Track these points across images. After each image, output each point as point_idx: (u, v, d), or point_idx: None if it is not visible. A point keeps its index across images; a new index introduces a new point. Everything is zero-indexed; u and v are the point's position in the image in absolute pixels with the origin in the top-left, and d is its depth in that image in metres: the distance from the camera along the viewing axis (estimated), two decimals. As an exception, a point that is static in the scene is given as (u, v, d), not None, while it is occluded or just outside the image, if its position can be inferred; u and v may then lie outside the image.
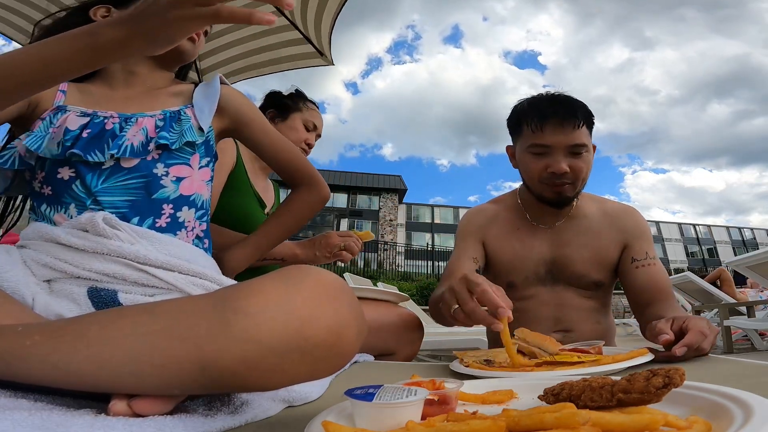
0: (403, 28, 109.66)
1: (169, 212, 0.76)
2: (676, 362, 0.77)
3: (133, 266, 0.62)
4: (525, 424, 0.33)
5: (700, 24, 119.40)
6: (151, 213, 0.74)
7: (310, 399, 0.57)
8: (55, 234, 0.63)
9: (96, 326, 0.43)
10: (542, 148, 1.08)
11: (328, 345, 0.42)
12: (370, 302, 1.26)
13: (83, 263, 0.61)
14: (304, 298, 0.42)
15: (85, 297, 0.60)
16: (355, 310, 0.46)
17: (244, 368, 0.40)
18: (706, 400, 0.38)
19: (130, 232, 0.67)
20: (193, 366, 0.40)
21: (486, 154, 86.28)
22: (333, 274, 0.47)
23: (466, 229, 1.24)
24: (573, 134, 1.06)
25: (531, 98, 1.15)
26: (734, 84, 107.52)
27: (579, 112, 1.07)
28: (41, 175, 0.73)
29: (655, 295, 1.07)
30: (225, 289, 0.46)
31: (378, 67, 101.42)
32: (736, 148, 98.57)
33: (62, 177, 0.72)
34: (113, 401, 0.43)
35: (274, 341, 0.40)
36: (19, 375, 0.43)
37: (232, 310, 0.41)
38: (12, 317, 0.50)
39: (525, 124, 1.11)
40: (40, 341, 0.42)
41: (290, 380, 0.44)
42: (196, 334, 0.41)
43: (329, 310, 0.43)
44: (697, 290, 4.04)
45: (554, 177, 1.07)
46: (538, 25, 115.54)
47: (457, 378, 0.66)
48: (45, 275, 0.62)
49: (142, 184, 0.74)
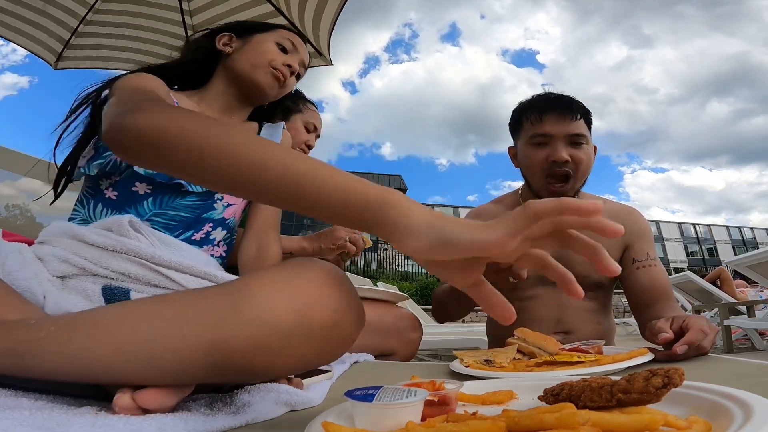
0: (400, 27, 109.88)
1: (207, 230, 0.85)
2: (676, 361, 0.77)
3: (147, 266, 0.64)
4: (525, 424, 0.33)
5: (698, 21, 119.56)
6: (193, 228, 0.82)
7: (311, 404, 0.57)
8: (81, 232, 0.65)
9: (110, 316, 0.45)
10: (543, 137, 1.10)
11: (331, 327, 0.44)
12: (370, 302, 1.25)
13: (102, 261, 0.63)
14: (309, 283, 0.45)
15: (99, 294, 0.62)
16: (355, 298, 0.48)
17: (254, 349, 0.42)
18: (706, 400, 0.38)
19: (151, 237, 0.69)
20: (206, 348, 0.42)
21: (485, 153, 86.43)
22: (333, 265, 0.49)
23: None
24: (572, 124, 1.08)
25: (530, 98, 1.18)
26: (734, 82, 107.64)
27: (576, 106, 1.10)
28: (114, 180, 0.79)
29: (656, 296, 1.07)
30: (234, 279, 0.48)
31: (376, 66, 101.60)
32: (735, 147, 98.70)
33: (137, 191, 0.79)
34: (118, 394, 0.43)
35: (281, 323, 0.43)
36: (31, 368, 0.43)
37: (243, 294, 0.44)
38: (20, 314, 0.51)
39: (525, 120, 1.14)
40: (54, 332, 0.43)
41: (296, 362, 0.46)
42: (208, 318, 0.43)
43: (332, 295, 0.45)
44: (697, 290, 4.04)
45: (555, 166, 1.07)
46: (535, 23, 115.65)
47: (457, 378, 0.66)
48: (62, 271, 0.64)
49: (200, 205, 0.83)
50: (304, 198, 0.43)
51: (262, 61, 0.91)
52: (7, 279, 0.57)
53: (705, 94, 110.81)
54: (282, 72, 0.92)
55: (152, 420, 0.41)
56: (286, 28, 0.98)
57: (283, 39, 0.94)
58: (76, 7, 2.00)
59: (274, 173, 0.43)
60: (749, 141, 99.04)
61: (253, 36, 0.94)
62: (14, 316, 0.49)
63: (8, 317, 0.49)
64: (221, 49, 0.92)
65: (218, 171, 0.45)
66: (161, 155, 0.47)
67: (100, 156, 0.79)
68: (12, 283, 0.57)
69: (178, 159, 0.46)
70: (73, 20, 2.04)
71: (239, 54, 0.92)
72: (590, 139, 1.12)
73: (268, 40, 0.93)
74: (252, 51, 0.92)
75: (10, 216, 1.94)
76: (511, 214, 0.37)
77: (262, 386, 0.54)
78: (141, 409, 0.43)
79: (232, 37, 0.94)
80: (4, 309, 0.50)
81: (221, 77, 0.93)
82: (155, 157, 0.48)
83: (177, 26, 2.12)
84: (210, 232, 0.86)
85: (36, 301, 0.58)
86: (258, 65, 0.91)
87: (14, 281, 0.58)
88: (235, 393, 0.52)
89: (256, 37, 0.94)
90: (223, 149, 0.44)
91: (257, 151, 0.44)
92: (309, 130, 1.46)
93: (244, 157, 0.44)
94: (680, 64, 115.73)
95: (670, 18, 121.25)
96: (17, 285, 0.58)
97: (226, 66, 0.93)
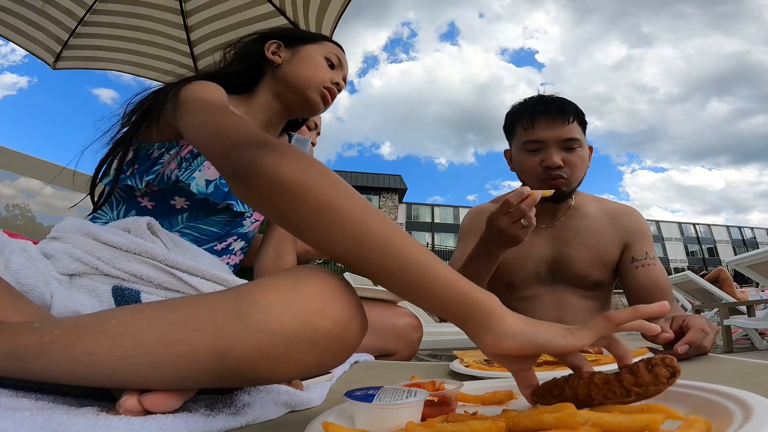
0: (398, 26, 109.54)
1: (231, 241, 0.86)
2: (681, 358, 0.78)
3: (161, 268, 0.64)
4: (525, 424, 0.33)
5: (698, 20, 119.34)
6: (219, 239, 0.83)
7: (311, 405, 0.57)
8: (96, 230, 0.65)
9: (115, 320, 0.45)
10: (535, 143, 1.09)
11: (334, 336, 0.45)
12: (370, 302, 1.26)
13: (114, 261, 0.63)
14: (313, 292, 0.45)
15: (108, 294, 0.62)
16: (358, 307, 0.48)
17: (258, 357, 0.43)
18: (706, 399, 0.38)
19: (167, 240, 0.70)
20: (210, 355, 0.42)
21: (484, 153, 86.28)
22: (337, 274, 0.49)
23: (467, 230, 1.26)
24: (564, 128, 1.08)
25: (522, 101, 1.18)
26: (733, 82, 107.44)
27: (568, 108, 1.10)
28: (152, 189, 0.78)
29: (655, 296, 1.07)
30: (239, 286, 0.48)
31: (374, 65, 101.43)
32: (735, 147, 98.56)
33: (174, 204, 0.79)
34: (124, 397, 0.43)
35: (285, 331, 0.43)
36: (35, 372, 0.43)
37: (248, 302, 0.44)
38: (24, 315, 0.51)
39: (518, 124, 1.14)
40: (59, 336, 0.43)
41: (299, 369, 0.46)
42: (213, 325, 0.43)
43: (335, 304, 0.45)
44: (697, 290, 4.04)
45: (549, 170, 1.07)
46: (534, 22, 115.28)
47: (457, 378, 0.66)
48: (72, 269, 0.64)
49: (230, 221, 0.84)
50: (412, 286, 0.45)
51: (314, 79, 0.88)
52: (11, 277, 0.57)
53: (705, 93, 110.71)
54: (331, 91, 0.90)
55: (153, 420, 0.41)
56: (331, 41, 0.95)
57: (331, 54, 0.92)
58: (74, 8, 2.01)
59: (398, 262, 0.45)
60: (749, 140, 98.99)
61: (303, 47, 0.91)
62: (17, 318, 0.49)
63: (11, 319, 0.49)
64: (270, 58, 0.89)
65: (349, 247, 0.46)
66: (292, 210, 0.47)
67: (149, 169, 0.77)
68: (17, 281, 0.57)
69: (306, 220, 0.46)
70: (71, 21, 2.05)
71: (290, 66, 0.89)
72: (584, 141, 1.12)
73: (318, 53, 0.90)
74: (304, 66, 0.89)
75: (10, 216, 1.95)
76: (594, 323, 0.43)
77: (262, 387, 0.54)
78: (144, 411, 0.43)
79: (280, 45, 0.90)
80: (7, 310, 0.49)
81: (268, 89, 0.89)
82: (286, 209, 0.47)
83: (176, 28, 2.13)
84: (232, 243, 0.86)
85: (42, 301, 0.57)
86: (311, 83, 0.88)
87: (19, 280, 0.57)
88: (235, 394, 0.52)
89: (306, 49, 0.91)
90: (359, 227, 0.45)
91: (388, 237, 0.45)
92: (310, 128, 1.47)
93: (372, 240, 0.45)
94: (680, 63, 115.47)
95: (669, 17, 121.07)
96: (23, 284, 0.57)
97: (275, 77, 0.89)
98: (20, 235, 0.98)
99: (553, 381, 0.43)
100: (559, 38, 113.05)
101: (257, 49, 0.90)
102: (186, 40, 2.15)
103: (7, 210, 1.91)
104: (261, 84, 0.90)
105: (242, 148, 0.51)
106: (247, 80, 0.90)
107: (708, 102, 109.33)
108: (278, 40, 0.91)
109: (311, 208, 0.46)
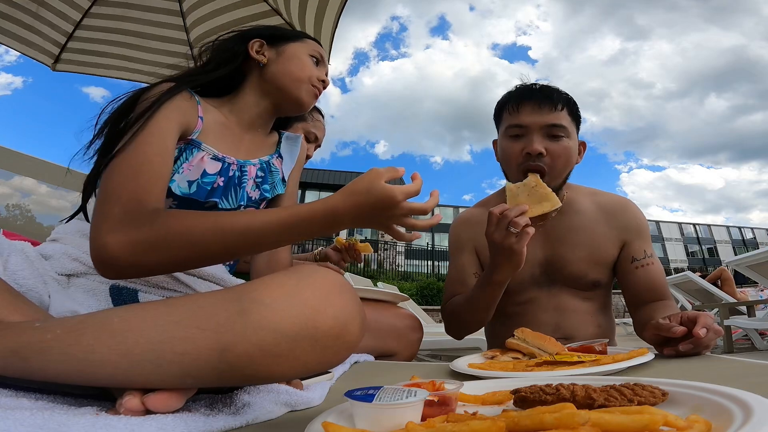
0: (388, 20, 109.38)
1: None
2: (681, 357, 0.79)
3: None
4: (524, 424, 0.33)
5: (693, 14, 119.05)
6: None
7: (311, 405, 0.57)
8: None
9: (118, 318, 0.45)
10: (519, 128, 1.06)
11: (335, 334, 0.46)
12: (370, 303, 1.26)
13: None
14: (314, 291, 0.46)
15: (106, 293, 0.62)
16: (358, 305, 0.49)
17: (260, 354, 0.43)
18: (706, 399, 0.38)
19: None
20: (212, 352, 0.42)
21: (480, 150, 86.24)
22: (338, 273, 0.51)
23: (457, 244, 1.22)
24: (550, 115, 1.04)
25: (512, 89, 1.14)
26: (732, 77, 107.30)
27: (556, 95, 1.06)
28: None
29: (654, 295, 1.07)
30: (241, 284, 0.49)
31: (365, 62, 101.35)
32: (734, 144, 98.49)
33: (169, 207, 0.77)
34: (127, 396, 0.43)
35: (287, 329, 0.44)
36: (37, 370, 0.43)
37: (250, 300, 0.45)
38: (23, 315, 0.51)
39: (505, 110, 1.11)
40: (61, 334, 0.43)
41: (300, 367, 0.46)
42: (215, 322, 0.43)
43: (336, 302, 0.46)
44: (698, 290, 4.04)
45: (530, 159, 1.03)
46: (526, 15, 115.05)
47: (457, 378, 0.66)
48: (70, 269, 0.64)
49: None
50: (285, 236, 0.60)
51: (302, 77, 0.88)
52: (10, 278, 0.57)
53: (703, 88, 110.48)
54: (318, 87, 0.90)
55: (153, 420, 0.41)
56: (311, 38, 0.95)
57: (315, 51, 0.91)
58: (68, 11, 2.01)
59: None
60: (748, 138, 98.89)
61: (286, 45, 0.90)
62: (17, 318, 0.49)
63: (11, 318, 0.49)
64: (255, 58, 0.88)
65: (218, 248, 0.59)
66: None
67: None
68: (16, 282, 0.57)
69: (191, 256, 0.58)
70: (67, 24, 2.05)
71: (277, 66, 0.88)
72: (574, 132, 1.07)
73: (302, 51, 0.90)
74: (290, 64, 0.88)
75: (10, 216, 1.95)
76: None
77: (262, 387, 0.54)
78: (145, 411, 0.43)
79: (263, 44, 0.89)
80: (7, 310, 0.49)
81: (254, 88, 0.89)
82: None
83: (177, 30, 2.13)
84: None
85: (40, 301, 0.58)
86: (300, 81, 0.88)
87: (17, 281, 0.58)
88: (235, 393, 0.52)
89: (290, 47, 0.90)
90: (216, 234, 0.58)
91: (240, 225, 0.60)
92: (309, 140, 1.46)
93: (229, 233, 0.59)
94: (676, 58, 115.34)
95: (663, 9, 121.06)
96: (21, 284, 0.58)
97: (262, 77, 0.88)
98: (20, 236, 0.98)
99: (539, 388, 0.43)
100: (552, 31, 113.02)
101: (240, 49, 0.88)
102: (186, 41, 2.15)
103: (8, 210, 1.91)
104: (246, 83, 0.89)
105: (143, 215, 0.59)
106: (231, 81, 0.90)
107: (706, 98, 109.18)
108: (260, 38, 0.90)
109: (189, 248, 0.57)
